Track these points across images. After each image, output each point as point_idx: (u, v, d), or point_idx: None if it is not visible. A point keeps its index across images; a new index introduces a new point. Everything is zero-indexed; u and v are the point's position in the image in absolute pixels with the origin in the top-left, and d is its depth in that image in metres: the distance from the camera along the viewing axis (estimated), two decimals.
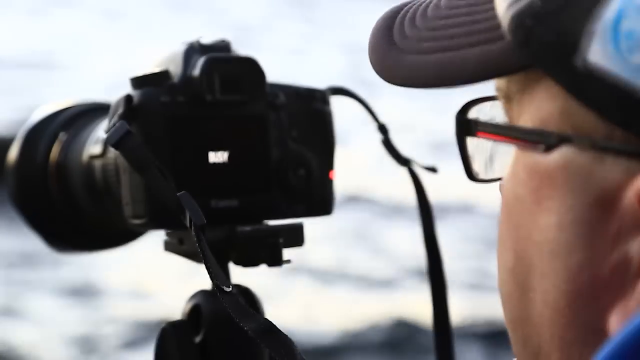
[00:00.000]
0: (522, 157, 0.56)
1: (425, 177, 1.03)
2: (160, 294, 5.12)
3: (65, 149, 1.07)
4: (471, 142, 0.60)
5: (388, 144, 1.03)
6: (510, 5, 0.53)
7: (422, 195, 1.02)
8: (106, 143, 0.98)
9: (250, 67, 0.96)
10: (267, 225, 0.97)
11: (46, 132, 1.08)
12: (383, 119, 1.04)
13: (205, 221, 0.81)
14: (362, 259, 5.85)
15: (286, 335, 0.74)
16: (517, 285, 0.57)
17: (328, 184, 1.01)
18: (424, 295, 1.04)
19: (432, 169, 1.02)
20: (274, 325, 0.75)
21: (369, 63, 0.62)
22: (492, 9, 0.56)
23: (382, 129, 1.03)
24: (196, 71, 0.94)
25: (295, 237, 0.97)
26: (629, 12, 0.48)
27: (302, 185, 0.99)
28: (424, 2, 0.63)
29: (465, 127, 0.59)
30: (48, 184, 1.07)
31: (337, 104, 1.03)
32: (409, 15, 0.62)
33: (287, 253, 0.96)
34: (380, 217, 6.58)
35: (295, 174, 0.99)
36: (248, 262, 0.95)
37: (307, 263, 5.39)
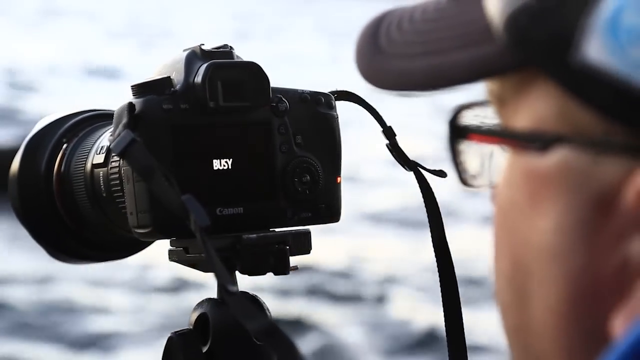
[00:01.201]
0: (517, 160, 0.55)
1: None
2: None
3: (68, 158, 1.07)
4: (463, 147, 0.59)
5: (395, 148, 1.02)
6: (505, 4, 0.52)
7: (431, 200, 1.01)
8: (111, 152, 0.97)
9: (254, 73, 0.95)
10: (273, 233, 0.96)
11: (48, 142, 1.08)
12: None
13: (210, 222, 0.80)
14: None
15: (289, 337, 0.74)
16: (515, 292, 0.56)
17: (335, 190, 1.00)
18: None
19: (440, 173, 1.00)
20: (277, 327, 0.75)
21: (356, 69, 0.61)
22: (482, 10, 0.56)
23: (389, 132, 1.02)
24: (198, 78, 0.93)
25: (302, 244, 0.96)
26: (628, 5, 0.48)
27: (308, 191, 0.98)
28: (410, 7, 0.62)
29: (458, 131, 0.58)
30: (50, 194, 1.06)
31: None
32: (395, 20, 0.62)
33: (293, 260, 0.95)
34: None
35: (301, 180, 0.98)
36: (254, 270, 0.94)
37: None
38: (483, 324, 4.64)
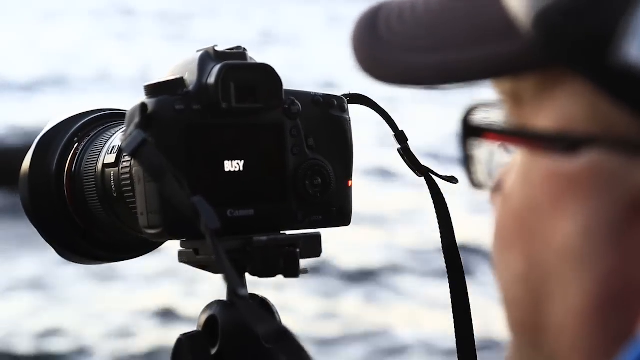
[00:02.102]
0: (537, 161, 0.54)
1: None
2: None
3: (79, 157, 1.06)
4: (475, 147, 0.58)
5: (407, 153, 1.01)
6: (535, 2, 0.51)
7: (442, 205, 1.00)
8: (122, 152, 0.97)
9: (267, 75, 0.95)
10: (284, 235, 0.96)
11: (60, 141, 1.08)
12: None
13: (220, 224, 0.80)
14: None
15: (299, 342, 0.73)
16: (528, 291, 0.55)
17: (346, 193, 1.00)
18: None
19: (452, 179, 1.00)
20: (289, 331, 0.74)
21: (353, 60, 0.60)
22: (497, 5, 0.54)
23: (401, 137, 1.02)
24: (212, 79, 0.93)
25: (313, 247, 0.95)
26: None
27: (319, 194, 0.97)
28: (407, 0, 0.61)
29: (471, 130, 0.57)
30: (61, 193, 1.06)
31: None
32: (394, 10, 0.60)
33: (304, 263, 0.94)
34: None
35: (312, 183, 0.97)
36: (264, 272, 0.93)
37: None
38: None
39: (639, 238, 0.50)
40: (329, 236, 0.97)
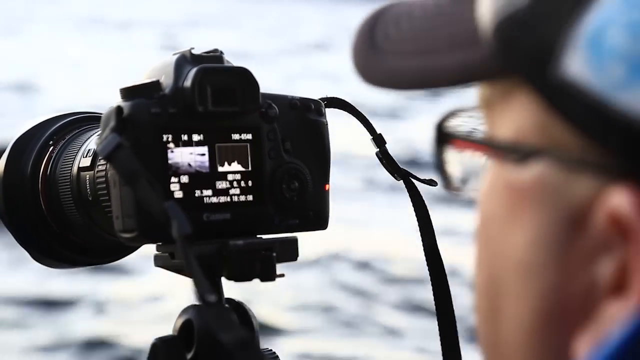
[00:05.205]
0: (499, 170, 0.54)
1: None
2: None
3: (54, 161, 1.06)
4: (449, 153, 0.58)
5: (385, 156, 1.01)
6: (495, 12, 0.51)
7: (422, 208, 1.00)
8: (97, 156, 0.96)
9: (244, 78, 0.94)
10: (260, 239, 0.95)
11: (34, 144, 1.07)
12: None
13: (191, 230, 0.80)
14: None
15: (262, 353, 0.73)
16: (489, 307, 0.55)
17: (323, 197, 0.99)
18: None
19: (431, 182, 1.00)
20: (252, 340, 0.74)
21: (352, 64, 0.61)
22: (474, 12, 0.55)
23: (378, 140, 1.02)
24: (188, 82, 0.92)
25: (289, 251, 0.95)
26: (612, 24, 0.47)
27: (296, 198, 0.97)
28: (411, 3, 0.61)
29: (442, 136, 0.57)
30: (36, 197, 1.05)
31: None
32: (393, 16, 0.61)
33: (280, 268, 0.94)
34: None
35: (289, 186, 0.97)
36: (240, 276, 0.93)
37: None
38: None
39: (577, 255, 0.49)
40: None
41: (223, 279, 0.95)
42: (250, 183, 0.96)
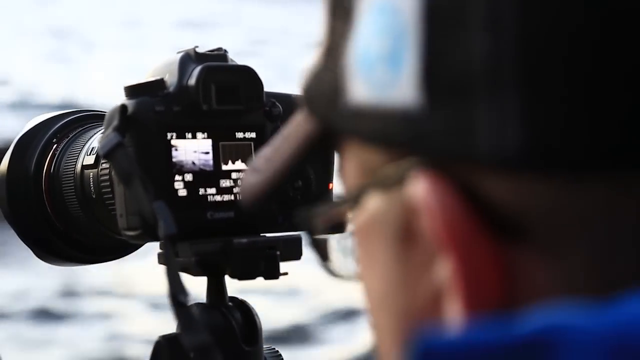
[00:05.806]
0: (354, 222, 0.53)
1: None
2: None
3: (58, 158, 1.06)
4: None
5: None
6: (304, 82, 0.52)
7: None
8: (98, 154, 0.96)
9: (248, 77, 0.95)
10: (264, 237, 0.95)
11: (38, 142, 1.07)
12: None
13: (176, 230, 0.81)
14: None
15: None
16: (374, 338, 0.54)
17: (327, 196, 1.00)
18: None
19: None
20: (213, 347, 0.75)
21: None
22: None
23: None
24: (192, 80, 0.92)
25: (293, 249, 0.95)
26: (371, 36, 0.46)
27: (300, 197, 0.97)
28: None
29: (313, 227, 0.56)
30: (40, 195, 1.06)
31: None
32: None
33: (284, 266, 0.94)
34: None
35: (293, 185, 0.97)
36: (244, 275, 0.93)
37: None
38: None
39: (414, 270, 0.48)
40: None
41: (227, 278, 0.96)
42: None
